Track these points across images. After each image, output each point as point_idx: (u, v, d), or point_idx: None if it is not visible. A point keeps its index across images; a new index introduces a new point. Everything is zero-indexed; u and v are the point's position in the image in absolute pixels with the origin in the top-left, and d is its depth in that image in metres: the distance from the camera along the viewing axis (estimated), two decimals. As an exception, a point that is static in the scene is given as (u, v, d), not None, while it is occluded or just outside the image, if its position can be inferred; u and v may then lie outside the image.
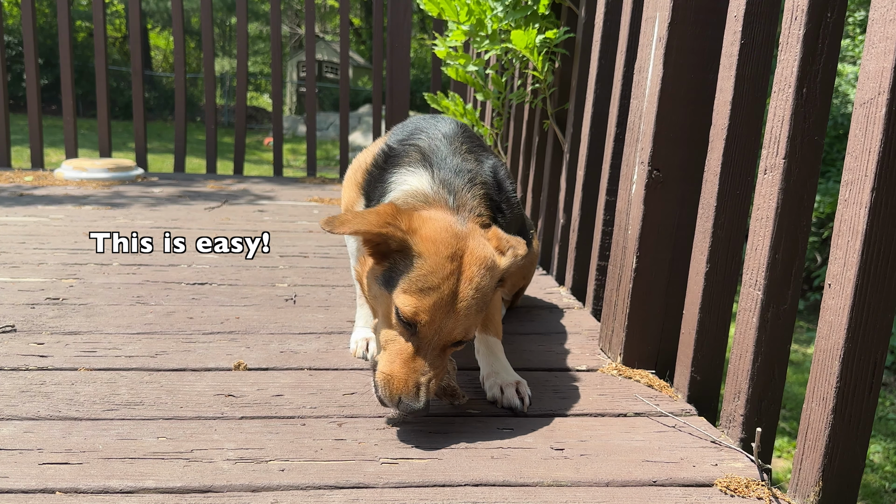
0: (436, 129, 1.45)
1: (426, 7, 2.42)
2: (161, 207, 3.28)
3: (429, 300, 1.11)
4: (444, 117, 1.54)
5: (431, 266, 1.12)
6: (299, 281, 2.13)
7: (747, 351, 1.21)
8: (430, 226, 1.16)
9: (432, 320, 1.12)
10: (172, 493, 0.97)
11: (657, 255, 1.51)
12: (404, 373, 1.12)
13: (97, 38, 4.36)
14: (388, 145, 1.45)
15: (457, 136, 1.44)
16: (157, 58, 24.10)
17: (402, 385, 1.11)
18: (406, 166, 1.35)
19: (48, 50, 14.40)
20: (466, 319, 1.15)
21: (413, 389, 1.11)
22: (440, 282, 1.12)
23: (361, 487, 1.01)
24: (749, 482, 1.07)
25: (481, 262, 1.16)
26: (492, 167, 1.42)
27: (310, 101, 4.74)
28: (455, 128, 1.47)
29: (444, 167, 1.33)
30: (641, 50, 1.54)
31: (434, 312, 1.12)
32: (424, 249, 1.13)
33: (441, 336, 1.14)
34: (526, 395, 1.31)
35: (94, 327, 1.62)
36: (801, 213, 1.16)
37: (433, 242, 1.13)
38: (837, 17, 1.11)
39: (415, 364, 1.12)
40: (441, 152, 1.37)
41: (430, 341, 1.13)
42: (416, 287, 1.12)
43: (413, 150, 1.38)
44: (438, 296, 1.11)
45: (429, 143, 1.39)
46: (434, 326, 1.13)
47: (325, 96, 19.22)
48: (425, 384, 1.12)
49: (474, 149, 1.43)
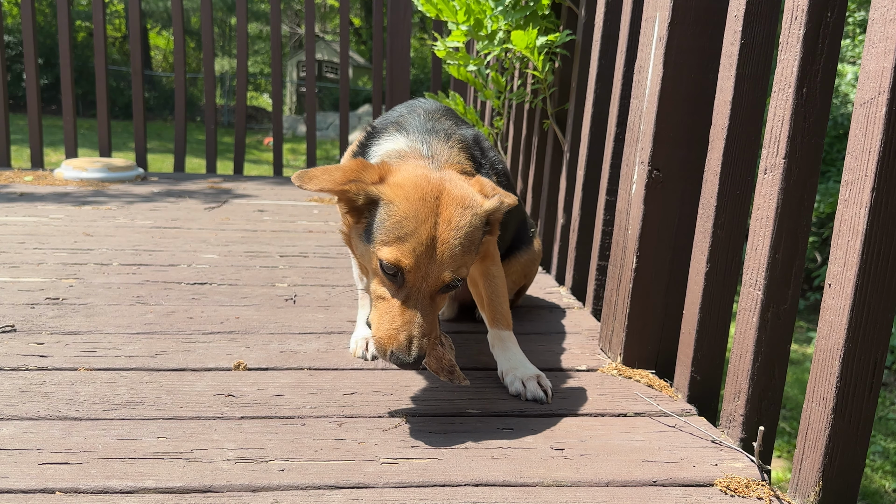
0: (417, 105, 1.50)
1: (424, 8, 2.41)
2: (161, 207, 3.28)
3: (408, 245, 1.09)
4: (429, 99, 1.58)
5: (404, 211, 1.10)
6: (299, 281, 2.13)
7: (747, 351, 1.21)
8: (399, 173, 1.15)
9: (417, 265, 1.10)
10: (172, 493, 0.96)
11: (657, 255, 1.51)
12: (394, 327, 1.10)
13: (97, 38, 4.36)
14: (371, 126, 1.49)
15: (437, 110, 1.47)
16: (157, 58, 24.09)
17: (392, 339, 1.09)
18: (384, 135, 1.39)
19: (48, 50, 14.40)
20: (452, 261, 1.12)
21: (404, 342, 1.09)
22: (417, 225, 1.10)
23: (361, 487, 1.01)
24: (749, 482, 1.07)
25: (459, 201, 1.13)
26: (473, 133, 1.45)
27: (310, 100, 4.74)
28: (437, 105, 1.51)
29: (420, 129, 1.37)
30: (641, 50, 1.54)
31: (417, 257, 1.09)
32: (393, 195, 1.12)
33: (429, 281, 1.11)
34: (548, 387, 1.35)
35: (94, 327, 1.62)
36: (801, 213, 1.16)
37: (401, 187, 1.12)
38: (837, 17, 1.11)
39: (404, 315, 1.10)
40: (418, 120, 1.41)
41: (419, 288, 1.11)
42: (393, 235, 1.10)
43: (391, 125, 1.42)
44: (417, 239, 1.09)
45: (407, 117, 1.43)
46: (420, 272, 1.10)
47: (325, 96, 19.21)
48: (418, 336, 1.10)
49: (453, 118, 1.46)
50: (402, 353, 1.09)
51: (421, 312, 1.11)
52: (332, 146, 12.89)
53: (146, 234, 2.67)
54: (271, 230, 2.89)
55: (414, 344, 1.10)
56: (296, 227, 3.00)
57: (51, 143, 8.95)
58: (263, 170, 9.47)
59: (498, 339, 1.44)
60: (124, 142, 10.96)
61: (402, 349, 1.09)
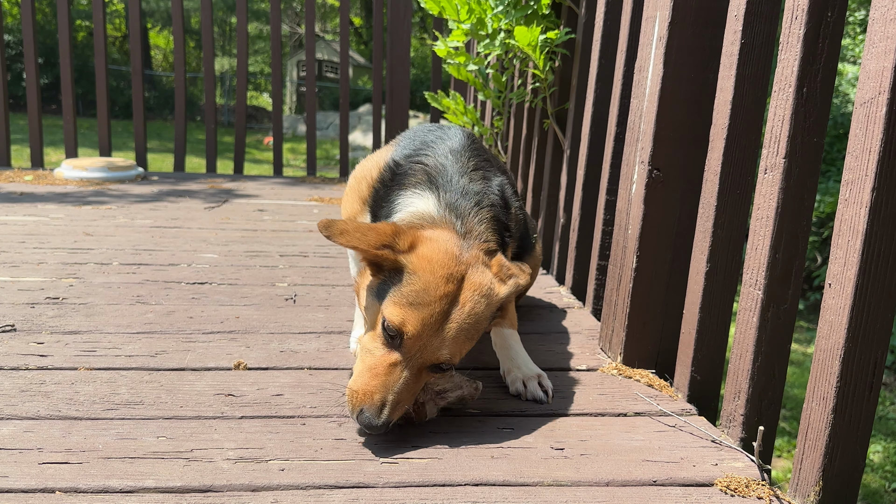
0: (443, 144, 1.41)
1: (427, 6, 2.42)
2: (161, 207, 3.28)
3: (418, 314, 1.08)
4: (452, 128, 1.50)
5: (424, 284, 1.10)
6: (299, 280, 2.13)
7: (747, 351, 1.21)
8: (429, 245, 1.14)
9: (419, 335, 1.09)
10: (172, 493, 0.96)
11: (657, 254, 1.51)
12: (373, 385, 1.07)
13: (97, 38, 4.36)
14: (394, 161, 1.41)
15: (464, 150, 1.40)
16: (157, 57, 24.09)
17: (367, 399, 1.07)
18: (412, 188, 1.31)
19: (48, 49, 14.40)
20: (454, 343, 1.11)
21: (378, 404, 1.07)
22: (432, 299, 1.09)
23: (361, 487, 1.01)
24: (749, 482, 1.07)
25: (478, 289, 1.13)
26: (499, 185, 1.39)
27: (310, 100, 4.74)
28: (462, 141, 1.43)
29: (451, 189, 1.29)
30: (641, 49, 1.54)
31: (422, 327, 1.08)
32: (419, 268, 1.11)
33: (424, 354, 1.10)
34: (549, 387, 1.35)
35: (94, 327, 1.62)
36: (802, 213, 1.16)
37: (429, 261, 1.11)
38: (837, 17, 1.11)
39: (389, 377, 1.08)
40: (447, 172, 1.32)
41: (412, 357, 1.10)
42: (406, 300, 1.09)
43: (419, 170, 1.34)
44: (429, 312, 1.09)
45: (435, 162, 1.35)
46: (420, 342, 1.09)
47: (325, 96, 19.21)
48: (391, 403, 1.07)
49: (481, 164, 1.39)
50: (371, 415, 1.06)
51: (403, 381, 1.09)
52: (332, 146, 12.89)
53: (146, 233, 2.67)
54: (271, 230, 2.89)
55: (385, 409, 1.07)
56: (296, 226, 3.00)
57: (51, 142, 8.94)
58: (263, 169, 9.47)
59: (501, 337, 1.44)
60: (124, 141, 10.97)
61: (374, 411, 1.06)
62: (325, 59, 20.96)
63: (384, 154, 1.48)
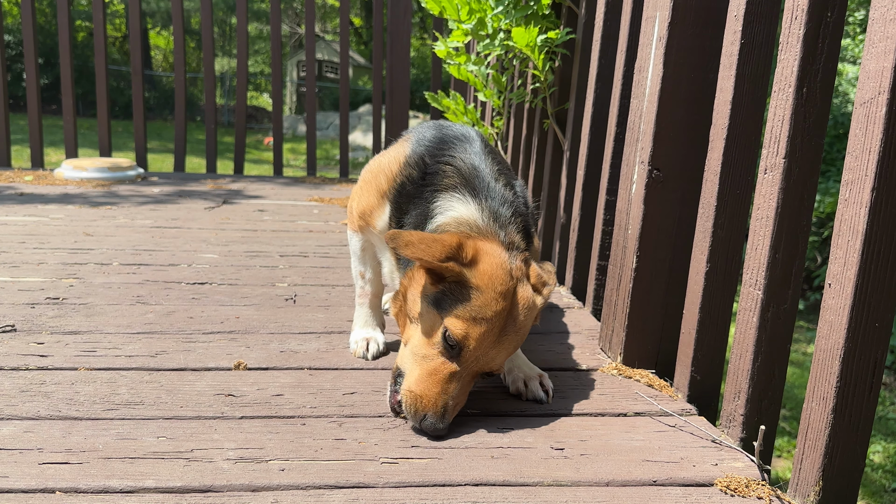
0: (464, 144, 1.42)
1: (427, 6, 2.41)
2: (161, 207, 3.28)
3: (479, 329, 1.15)
4: (463, 127, 1.51)
5: (486, 300, 1.15)
6: (299, 280, 2.13)
7: (747, 351, 1.21)
8: (489, 262, 1.19)
9: (478, 348, 1.16)
10: (172, 493, 0.97)
11: (657, 254, 1.51)
12: (436, 393, 1.15)
13: (97, 38, 4.36)
14: (419, 158, 1.40)
15: (485, 153, 1.41)
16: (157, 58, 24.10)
17: (431, 404, 1.15)
18: (450, 190, 1.33)
19: (48, 50, 14.40)
20: (506, 353, 1.21)
21: (441, 410, 1.15)
22: (492, 315, 1.15)
23: (361, 487, 1.01)
24: (749, 482, 1.07)
25: (526, 303, 1.20)
26: (521, 190, 1.45)
27: (310, 100, 4.74)
28: (480, 143, 1.44)
29: (490, 196, 1.32)
30: (641, 50, 1.54)
31: (482, 341, 1.16)
32: (482, 284, 1.16)
33: (479, 364, 1.18)
34: (549, 387, 1.36)
35: (94, 327, 1.62)
36: (802, 213, 1.16)
37: (490, 278, 1.16)
38: (837, 17, 1.11)
39: (448, 386, 1.16)
40: (482, 177, 1.35)
41: (469, 367, 1.17)
42: (469, 315, 1.15)
43: (451, 171, 1.35)
44: (489, 327, 1.16)
45: (464, 165, 1.36)
46: (477, 353, 1.17)
47: (325, 96, 19.22)
48: (451, 407, 1.17)
49: (503, 169, 1.42)
50: (436, 420, 1.14)
51: (461, 387, 1.18)
52: (333, 146, 12.89)
53: (146, 233, 2.67)
54: (271, 230, 2.89)
55: (447, 414, 1.16)
56: (296, 226, 3.00)
57: (51, 142, 8.95)
58: (264, 169, 9.47)
59: None
60: (124, 142, 10.97)
61: (438, 416, 1.15)
62: (325, 59, 20.96)
63: (401, 149, 1.46)
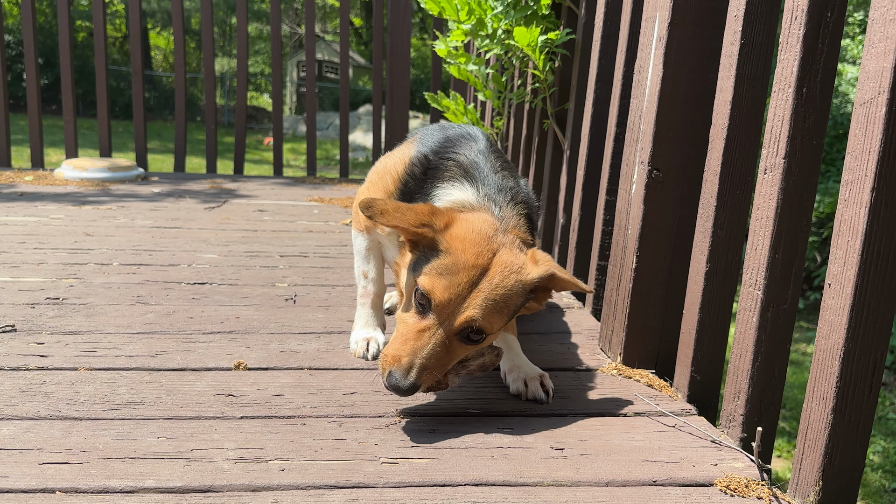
0: (469, 142, 1.45)
1: (427, 6, 2.41)
2: (161, 207, 3.28)
3: (446, 281, 1.13)
4: (471, 128, 1.54)
5: (455, 258, 1.15)
6: (299, 281, 2.13)
7: (747, 351, 1.21)
8: (464, 225, 1.18)
9: (447, 301, 1.13)
10: (172, 493, 0.97)
11: (657, 254, 1.51)
12: (405, 350, 1.12)
13: (97, 38, 4.36)
14: (423, 155, 1.44)
15: (489, 150, 1.44)
16: (157, 58, 24.10)
17: (397, 361, 1.11)
18: (449, 181, 1.36)
19: (48, 50, 14.41)
20: (480, 310, 1.13)
21: (406, 365, 1.10)
22: (461, 270, 1.14)
23: (361, 487, 1.01)
24: (749, 482, 1.07)
25: (507, 266, 1.17)
26: (526, 185, 1.46)
27: (310, 100, 4.74)
28: (485, 142, 1.47)
29: (488, 183, 1.34)
30: (641, 50, 1.54)
31: (449, 294, 1.12)
32: (452, 244, 1.16)
33: (452, 321, 1.13)
34: (550, 388, 1.35)
35: (94, 327, 1.62)
36: (801, 213, 1.16)
37: (461, 240, 1.16)
38: (837, 17, 1.11)
39: (416, 343, 1.12)
40: (482, 168, 1.37)
41: (440, 324, 1.13)
42: (436, 270, 1.14)
43: (452, 165, 1.38)
44: (456, 280, 1.13)
45: (467, 159, 1.39)
46: (448, 308, 1.13)
47: (325, 96, 19.22)
48: (419, 366, 1.11)
49: (506, 166, 1.44)
50: (399, 376, 1.09)
51: (432, 346, 1.13)
52: (333, 146, 12.89)
53: (146, 233, 2.67)
54: (271, 230, 2.89)
55: (413, 372, 1.10)
56: (296, 226, 3.00)
57: (51, 143, 8.95)
58: (264, 170, 9.47)
59: (502, 340, 1.45)
60: (124, 142, 10.97)
61: (401, 372, 1.10)
62: (325, 59, 20.97)
63: (407, 150, 1.50)
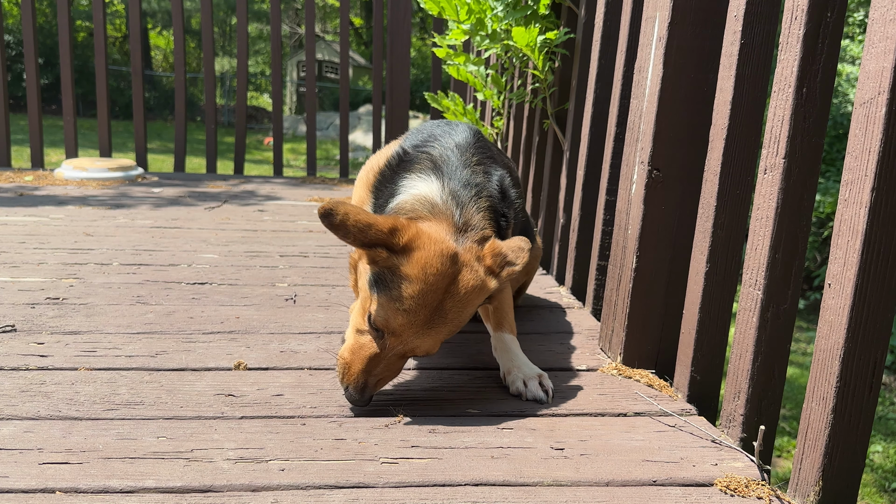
0: (450, 137, 1.46)
1: (427, 6, 2.42)
2: (161, 207, 3.28)
3: (402, 318, 1.16)
4: (460, 125, 1.54)
5: (414, 290, 1.16)
6: (299, 281, 2.13)
7: (747, 351, 1.21)
8: (425, 251, 1.17)
9: (400, 337, 1.18)
10: (172, 493, 0.97)
11: (657, 254, 1.51)
12: (359, 370, 1.19)
13: (97, 38, 4.36)
14: (402, 148, 1.47)
15: (469, 146, 1.44)
16: (157, 58, 24.09)
17: (353, 379, 1.19)
18: (417, 172, 1.37)
19: (48, 50, 14.41)
20: (435, 340, 1.21)
21: (361, 385, 1.19)
22: (418, 307, 1.16)
23: (361, 487, 1.01)
24: (749, 482, 1.07)
25: (467, 289, 1.20)
26: (499, 179, 1.44)
27: (310, 100, 4.74)
28: (469, 137, 1.48)
29: (455, 178, 1.35)
30: (641, 50, 1.54)
31: (405, 330, 1.17)
32: (413, 274, 1.16)
33: (405, 348, 1.20)
34: (549, 387, 1.35)
35: (95, 327, 1.62)
36: (801, 213, 1.16)
37: (422, 268, 1.16)
38: (837, 17, 1.11)
39: (370, 365, 1.19)
40: (452, 163, 1.38)
41: (393, 350, 1.19)
42: (393, 305, 1.16)
43: (425, 158, 1.40)
44: (413, 318, 1.16)
45: (441, 153, 1.41)
46: (400, 341, 1.18)
47: (325, 96, 19.22)
48: (372, 384, 1.20)
49: (484, 160, 1.44)
50: (355, 392, 1.19)
51: (385, 365, 1.20)
52: (333, 146, 12.89)
53: (146, 233, 2.67)
54: (271, 230, 2.89)
55: (368, 389, 1.19)
56: (296, 226, 3.00)
57: (51, 143, 8.94)
58: (264, 170, 9.47)
59: (500, 342, 1.45)
60: (124, 142, 10.97)
61: (358, 390, 1.19)
62: (325, 59, 20.96)
63: (393, 146, 1.54)
